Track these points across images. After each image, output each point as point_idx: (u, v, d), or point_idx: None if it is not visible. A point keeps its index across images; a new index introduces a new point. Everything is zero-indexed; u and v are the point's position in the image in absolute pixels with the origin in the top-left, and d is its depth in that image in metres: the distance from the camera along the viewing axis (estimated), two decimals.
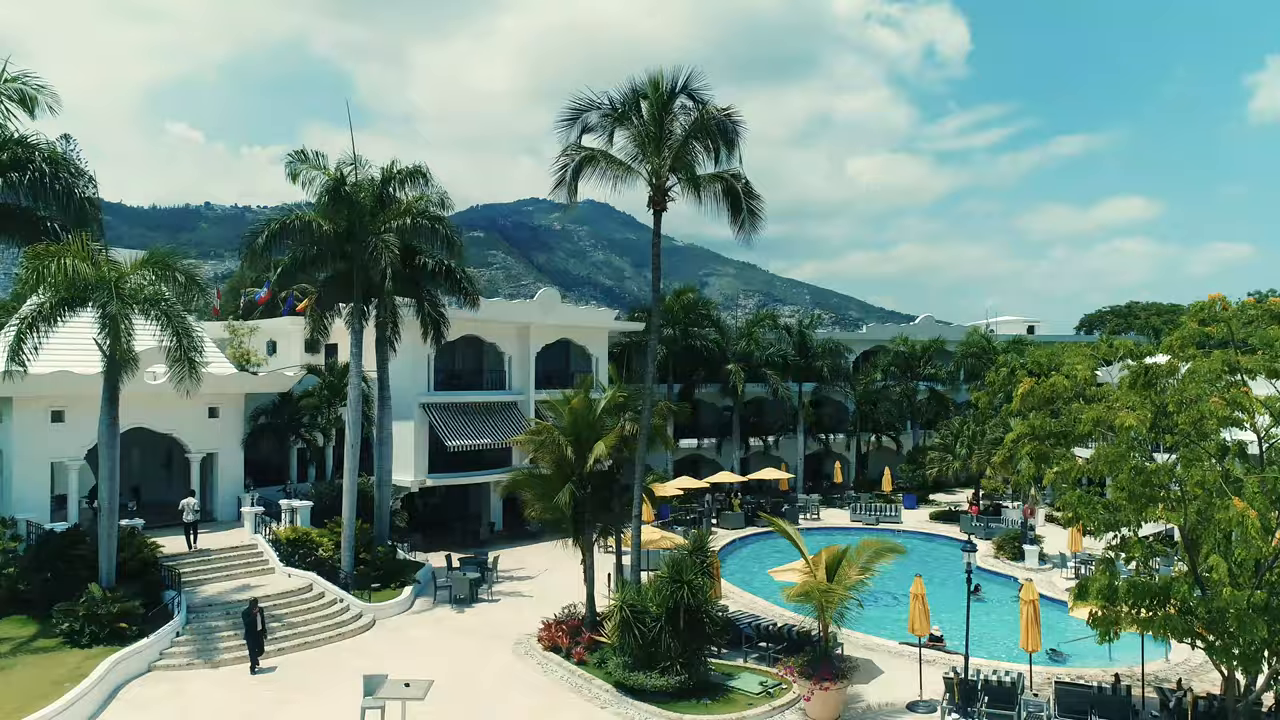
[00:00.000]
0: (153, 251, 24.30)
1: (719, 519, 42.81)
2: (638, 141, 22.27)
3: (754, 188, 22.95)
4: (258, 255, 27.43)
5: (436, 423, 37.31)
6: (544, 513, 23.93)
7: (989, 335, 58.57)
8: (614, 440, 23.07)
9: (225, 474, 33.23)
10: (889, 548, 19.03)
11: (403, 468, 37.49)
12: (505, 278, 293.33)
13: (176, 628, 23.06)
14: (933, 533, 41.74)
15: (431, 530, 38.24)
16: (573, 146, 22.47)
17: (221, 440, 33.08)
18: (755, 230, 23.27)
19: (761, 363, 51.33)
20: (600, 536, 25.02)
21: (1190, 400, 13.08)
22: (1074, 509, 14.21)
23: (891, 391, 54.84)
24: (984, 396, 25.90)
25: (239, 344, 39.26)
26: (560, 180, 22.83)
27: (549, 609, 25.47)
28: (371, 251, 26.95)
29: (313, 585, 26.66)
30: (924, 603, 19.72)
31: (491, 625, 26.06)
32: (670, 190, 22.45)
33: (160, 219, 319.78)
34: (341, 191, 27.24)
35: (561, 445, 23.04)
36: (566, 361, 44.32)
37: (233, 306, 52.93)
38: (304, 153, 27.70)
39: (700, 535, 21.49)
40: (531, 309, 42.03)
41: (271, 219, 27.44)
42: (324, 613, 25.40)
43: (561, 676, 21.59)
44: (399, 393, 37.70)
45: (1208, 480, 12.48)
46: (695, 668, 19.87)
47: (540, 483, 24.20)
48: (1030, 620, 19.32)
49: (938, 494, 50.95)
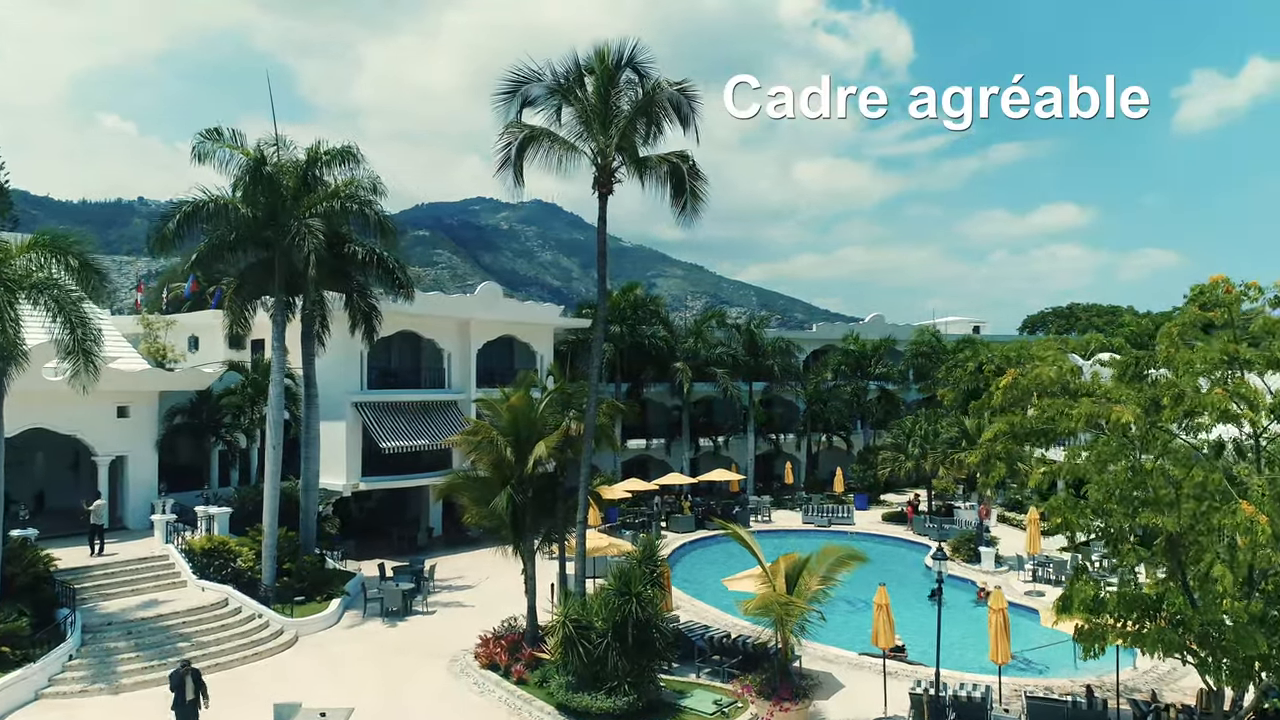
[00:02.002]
0: (41, 232, 21.91)
1: (669, 522, 41.42)
2: (583, 119, 20.66)
3: (699, 169, 21.52)
4: (168, 242, 25.11)
5: (370, 423, 35.22)
6: (482, 518, 22.24)
7: (938, 334, 58.07)
8: (557, 440, 21.44)
9: (137, 478, 30.69)
10: (850, 555, 17.67)
11: (334, 470, 35.36)
12: (451, 277, 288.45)
13: (70, 650, 20.78)
14: (885, 534, 40.85)
15: (366, 536, 36.17)
16: (514, 124, 20.78)
17: (132, 442, 30.54)
18: (696, 213, 21.76)
19: (711, 361, 50.04)
20: (543, 543, 23.35)
21: (1185, 393, 11.92)
22: (1062, 514, 12.98)
23: (842, 391, 53.99)
24: (949, 394, 24.75)
25: (154, 338, 36.57)
26: (504, 161, 21.07)
27: (489, 621, 23.73)
28: (294, 237, 24.89)
29: (228, 600, 24.48)
30: (888, 613, 18.42)
31: (425, 640, 24.21)
32: (616, 171, 20.88)
33: (90, 213, 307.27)
34: (262, 172, 25.09)
35: (500, 446, 21.28)
36: (510, 359, 42.50)
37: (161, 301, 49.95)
38: (218, 130, 25.48)
39: (650, 542, 19.92)
40: (472, 303, 40.14)
41: (184, 202, 25.13)
42: (239, 630, 23.26)
43: (500, 698, 19.86)
44: (330, 391, 35.58)
45: (1210, 481, 11.33)
46: (645, 687, 18.30)
47: (478, 486, 22.44)
48: (1000, 630, 18.12)
49: (889, 494, 50.30)
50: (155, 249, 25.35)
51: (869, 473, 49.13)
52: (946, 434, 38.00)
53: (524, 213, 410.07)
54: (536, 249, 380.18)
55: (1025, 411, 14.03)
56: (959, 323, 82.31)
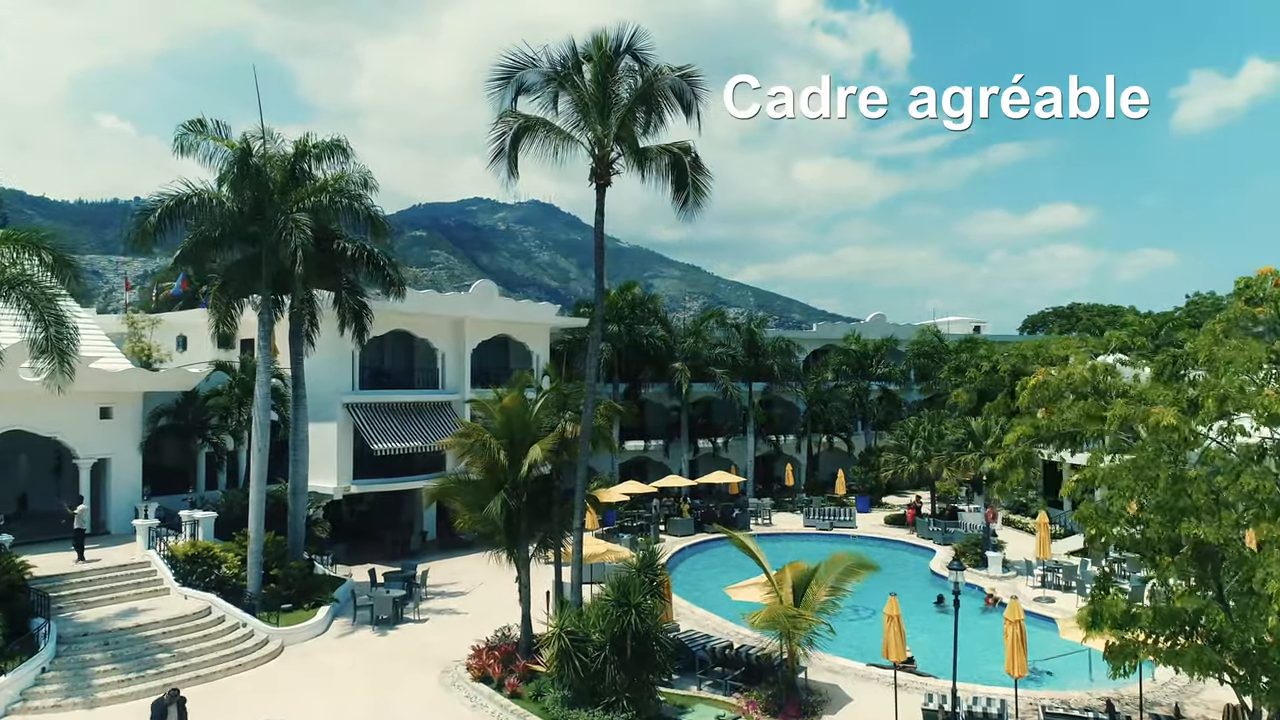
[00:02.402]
0: (15, 228, 21.02)
1: (667, 525, 40.57)
2: (580, 108, 19.79)
3: (702, 162, 20.69)
4: (148, 237, 24.19)
5: (361, 424, 34.33)
6: (475, 524, 21.33)
7: (940, 334, 57.19)
8: (552, 443, 20.58)
9: (120, 481, 29.77)
10: (860, 564, 16.76)
11: (324, 473, 34.48)
12: (448, 277, 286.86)
13: (44, 662, 19.87)
14: (888, 538, 40.00)
15: (358, 541, 35.36)
16: (509, 113, 19.90)
17: (116, 444, 29.62)
18: (698, 208, 20.97)
19: (710, 361, 49.17)
20: (538, 550, 22.48)
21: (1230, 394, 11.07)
22: (1094, 524, 12.13)
23: (843, 391, 53.16)
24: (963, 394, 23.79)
25: (139, 338, 35.61)
26: (499, 152, 20.20)
27: (483, 630, 22.88)
28: (280, 232, 23.99)
29: (211, 608, 23.58)
30: (900, 625, 17.57)
31: (417, 650, 23.35)
32: (614, 163, 20.01)
33: (87, 214, 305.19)
34: (247, 164, 24.18)
35: (492, 449, 20.40)
36: (506, 360, 41.60)
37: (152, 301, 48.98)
38: (201, 122, 24.60)
39: (649, 550, 19.05)
40: (466, 302, 39.24)
41: (165, 195, 24.22)
42: (223, 640, 22.36)
43: (492, 712, 18.98)
44: (321, 391, 34.75)
45: (1263, 489, 10.49)
46: (644, 702, 17.44)
47: (470, 490, 21.58)
48: (1016, 642, 17.28)
49: (889, 496, 49.48)
50: (135, 244, 24.43)
51: (870, 474, 48.30)
52: (952, 435, 37.14)
53: (521, 213, 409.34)
54: (534, 249, 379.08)
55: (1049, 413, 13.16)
56: (960, 322, 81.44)
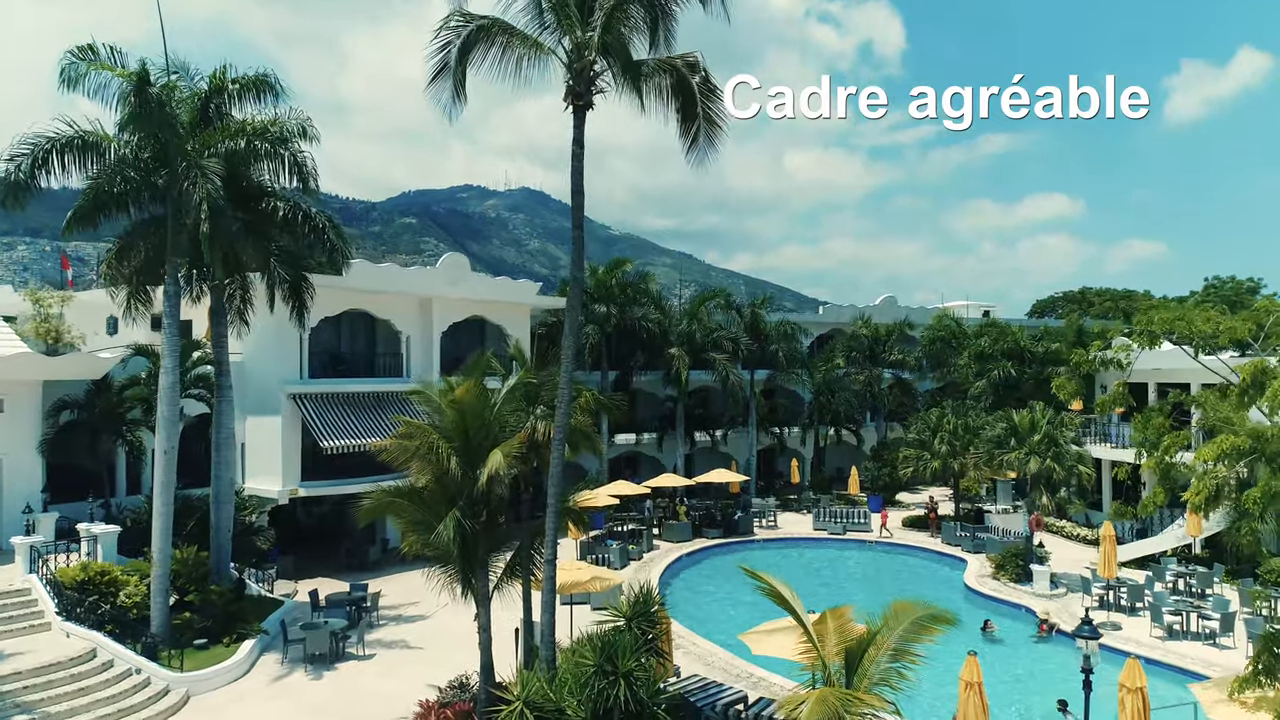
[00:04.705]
0: None
1: (662, 530, 36.24)
2: (555, 6, 15.11)
3: (715, 84, 16.13)
4: (21, 191, 19.42)
5: (310, 418, 29.64)
6: (423, 547, 16.71)
7: (959, 319, 52.61)
8: (518, 447, 16.03)
9: (14, 486, 25.00)
10: (933, 616, 12.17)
11: (268, 474, 29.99)
12: None
13: None
14: (911, 544, 35.63)
15: (310, 551, 30.91)
16: (457, 14, 15.20)
17: (8, 442, 24.94)
18: (712, 146, 16.52)
19: (709, 346, 44.55)
20: (504, 579, 17.89)
21: None
22: None
23: (854, 379, 48.67)
24: (1069, 384, 19.16)
25: (42, 318, 30.76)
26: (441, 67, 15.52)
27: (438, 671, 18.51)
28: (184, 184, 19.29)
29: (97, 650, 18.95)
30: (981, 694, 13.09)
31: (355, 699, 18.83)
32: (598, 79, 15.36)
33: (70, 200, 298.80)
34: (147, 96, 19.38)
35: (442, 454, 15.78)
36: (481, 345, 36.94)
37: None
38: (92, 48, 19.73)
39: (645, 594, 14.51)
40: (434, 278, 34.56)
41: (40, 136, 19.41)
42: (105, 694, 17.70)
43: None
44: (262, 381, 30.32)
45: None
46: None
47: (417, 506, 16.94)
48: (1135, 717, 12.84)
49: (903, 493, 45.17)
50: (8, 201, 19.62)
51: (884, 471, 43.95)
52: (991, 431, 32.66)
53: (512, 200, 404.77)
54: (524, 237, 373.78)
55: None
56: (970, 307, 77.27)
